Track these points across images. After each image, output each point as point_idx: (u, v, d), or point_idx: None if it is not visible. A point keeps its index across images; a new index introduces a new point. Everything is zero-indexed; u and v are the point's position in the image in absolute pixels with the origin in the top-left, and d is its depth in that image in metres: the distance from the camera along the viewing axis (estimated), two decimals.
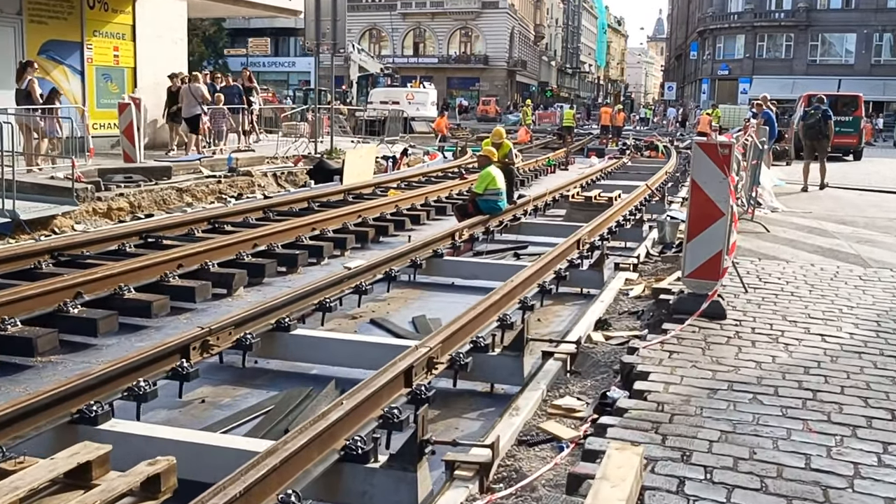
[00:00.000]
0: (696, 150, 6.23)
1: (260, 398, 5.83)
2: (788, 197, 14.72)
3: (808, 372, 5.09)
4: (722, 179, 6.18)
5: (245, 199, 14.20)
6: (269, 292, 8.67)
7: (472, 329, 6.15)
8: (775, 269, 8.28)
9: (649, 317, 7.05)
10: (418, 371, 5.12)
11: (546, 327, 7.63)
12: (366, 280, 7.90)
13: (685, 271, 6.40)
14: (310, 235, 10.68)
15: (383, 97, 36.00)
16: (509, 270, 8.75)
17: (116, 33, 17.98)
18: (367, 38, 78.71)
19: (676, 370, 5.05)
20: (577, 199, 14.47)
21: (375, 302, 8.45)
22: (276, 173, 16.34)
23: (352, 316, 7.88)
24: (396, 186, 17.12)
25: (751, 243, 9.68)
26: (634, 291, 7.96)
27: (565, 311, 8.28)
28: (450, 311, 7.74)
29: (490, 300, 6.70)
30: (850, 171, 21.67)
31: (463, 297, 8.71)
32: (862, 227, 11.45)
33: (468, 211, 11.64)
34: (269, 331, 6.30)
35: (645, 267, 9.35)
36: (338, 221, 11.57)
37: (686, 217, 6.33)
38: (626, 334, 6.52)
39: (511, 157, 13.27)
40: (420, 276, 9.38)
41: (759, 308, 6.64)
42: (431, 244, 9.59)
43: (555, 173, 23.75)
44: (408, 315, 8.06)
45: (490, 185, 11.49)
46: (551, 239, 11.65)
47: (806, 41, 62.38)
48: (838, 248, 9.66)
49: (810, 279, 7.87)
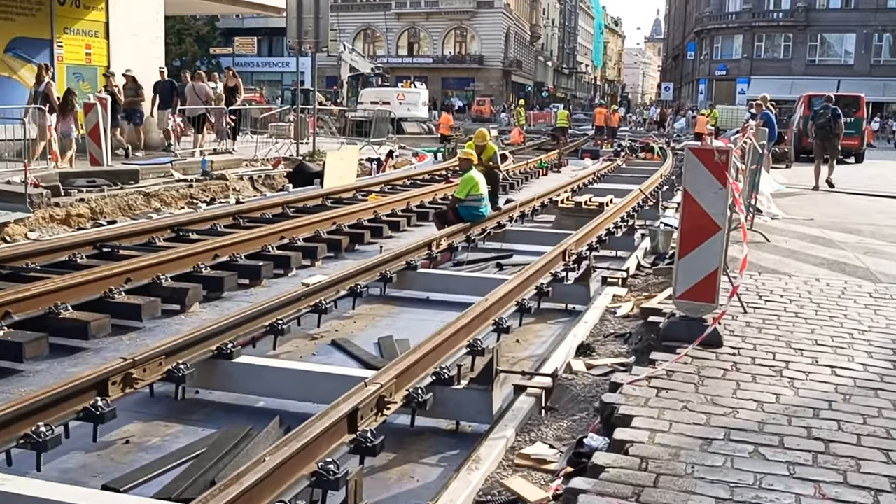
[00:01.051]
0: (689, 156, 5.53)
1: (193, 438, 5.12)
2: (789, 202, 14.03)
3: (817, 415, 4.39)
4: (718, 190, 5.47)
5: (217, 205, 13.48)
6: (227, 308, 7.97)
7: (436, 357, 5.45)
8: (777, 285, 7.58)
9: (637, 340, 6.35)
10: (366, 413, 4.41)
11: (524, 350, 6.93)
12: (327, 297, 7.19)
13: (676, 291, 5.69)
14: (277, 244, 9.98)
15: (374, 97, 35.25)
16: (488, 284, 8.05)
17: (89, 31, 17.25)
18: (361, 38, 78.00)
19: (665, 413, 4.34)
20: (566, 205, 13.77)
21: (340, 320, 7.75)
22: (252, 177, 15.61)
23: (312, 336, 7.18)
24: (380, 190, 16.41)
25: (750, 255, 8.92)
26: (622, 310, 7.26)
27: (547, 330, 7.57)
28: (421, 329, 7.09)
29: (459, 323, 6.00)
30: (852, 174, 20.96)
31: (437, 313, 8.03)
32: (868, 235, 10.75)
33: (448, 218, 10.93)
34: (209, 358, 5.60)
35: (635, 280, 8.66)
36: (310, 229, 10.86)
37: (675, 233, 5.62)
38: (610, 362, 5.81)
39: (496, 160, 12.56)
40: (392, 290, 8.68)
41: (760, 332, 5.94)
42: (405, 255, 8.88)
43: (547, 176, 23.07)
44: (375, 334, 7.36)
45: (472, 190, 10.79)
46: (537, 247, 10.98)
47: (805, 41, 61.73)
48: (845, 260, 8.96)
49: (816, 297, 7.17)
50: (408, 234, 12.54)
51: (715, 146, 5.45)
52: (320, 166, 16.72)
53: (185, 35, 71.26)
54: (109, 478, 4.52)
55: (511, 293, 7.22)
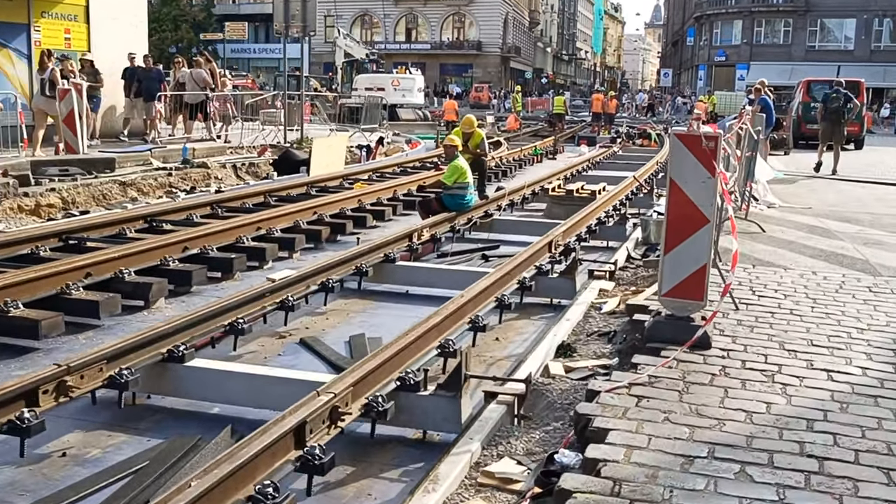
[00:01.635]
0: (675, 142, 5.12)
1: (137, 449, 4.73)
2: (787, 190, 13.62)
3: (811, 427, 4.00)
4: (706, 179, 5.06)
5: (196, 194, 13.06)
6: (195, 303, 7.58)
7: (402, 361, 5.06)
8: (772, 279, 7.17)
9: (622, 340, 5.95)
10: (316, 426, 4.02)
11: (504, 348, 6.54)
12: (295, 293, 6.79)
13: (662, 288, 5.29)
14: (253, 236, 9.56)
15: (368, 84, 34.77)
16: (470, 278, 7.65)
17: (68, 15, 16.77)
18: (359, 24, 77.36)
19: (644, 426, 3.95)
20: (557, 193, 13.36)
21: (312, 316, 7.35)
22: (236, 164, 15.17)
23: (280, 334, 6.78)
24: (367, 178, 15.99)
25: (744, 246, 8.55)
26: (608, 306, 6.86)
27: (530, 327, 7.18)
28: (396, 326, 6.69)
29: (430, 322, 5.60)
30: (851, 160, 20.49)
31: (415, 308, 7.64)
32: (867, 225, 10.35)
33: (433, 207, 10.52)
34: (159, 362, 5.20)
35: (624, 274, 8.26)
36: (289, 219, 10.44)
37: (664, 224, 5.22)
38: (591, 364, 5.42)
39: (483, 147, 12.13)
40: (369, 283, 8.27)
41: (752, 332, 5.54)
42: (383, 247, 8.48)
43: (541, 163, 22.64)
44: (347, 332, 6.97)
45: (459, 178, 10.38)
46: (525, 237, 10.58)
47: (804, 27, 61.12)
48: (843, 251, 8.56)
49: (812, 291, 6.77)
50: (393, 223, 12.13)
51: (703, 132, 5.04)
52: (307, 154, 16.28)
53: (181, 21, 70.68)
54: (38, 496, 4.15)
55: (490, 288, 6.82)
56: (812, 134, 23.07)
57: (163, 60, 64.10)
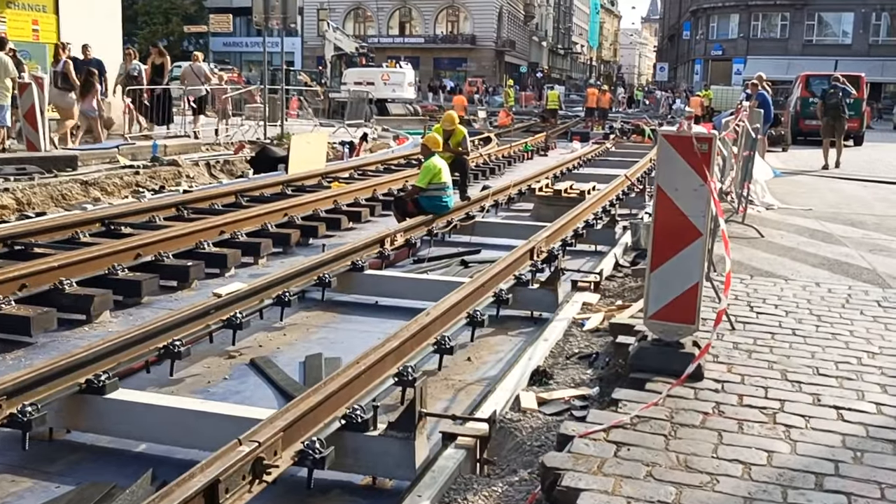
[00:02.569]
0: (663, 144, 4.48)
1: (42, 498, 4.10)
2: (786, 189, 12.99)
3: (820, 485, 3.37)
4: (698, 186, 4.43)
5: (164, 194, 12.38)
6: (145, 316, 6.95)
7: (353, 392, 4.43)
8: (771, 292, 6.55)
9: (604, 364, 5.33)
10: (233, 484, 3.38)
11: (475, 370, 5.91)
12: (245, 309, 6.14)
13: (648, 310, 4.66)
14: (215, 240, 8.92)
15: (357, 78, 34.02)
16: (443, 288, 7.03)
17: (36, 5, 16.07)
18: (352, 17, 76.71)
19: (623, 483, 3.32)
20: (545, 193, 12.71)
21: (269, 332, 6.72)
22: (210, 162, 14.49)
23: (229, 354, 6.15)
24: (349, 176, 15.35)
25: (741, 253, 7.95)
26: (591, 322, 6.22)
27: (506, 344, 6.55)
28: (360, 343, 6.14)
29: (388, 346, 4.97)
30: (852, 157, 19.90)
31: (383, 321, 7.04)
32: (872, 229, 9.73)
33: (408, 209, 9.88)
34: (76, 393, 4.57)
35: (611, 284, 7.62)
36: (256, 222, 9.79)
37: (650, 237, 4.59)
38: (568, 395, 4.79)
39: (465, 145, 11.48)
40: (335, 293, 7.64)
41: (750, 357, 4.92)
42: (351, 254, 7.83)
43: (532, 160, 21.99)
44: (305, 350, 6.35)
45: (434, 178, 9.73)
46: (509, 241, 9.98)
47: (802, 20, 60.45)
48: (848, 259, 7.94)
49: (816, 307, 6.15)
50: (371, 224, 11.49)
51: (694, 132, 4.40)
52: (287, 151, 15.62)
53: (171, 14, 69.83)
54: None
55: (462, 303, 6.19)
56: (811, 130, 22.50)
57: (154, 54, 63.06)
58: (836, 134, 17.45)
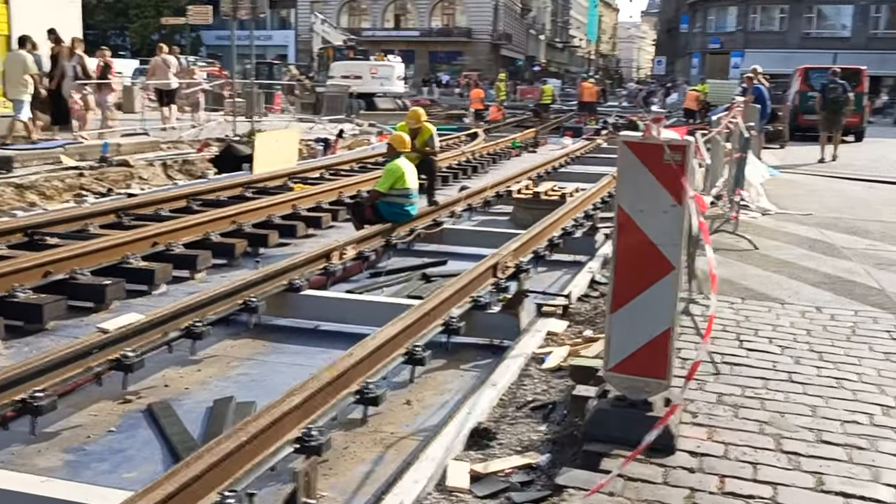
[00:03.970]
0: (625, 153, 3.55)
1: None
2: (784, 190, 12.04)
3: None
4: (670, 207, 3.50)
5: (111, 198, 11.42)
6: (43, 346, 6.00)
7: (234, 468, 3.50)
8: (765, 320, 5.62)
9: (561, 417, 4.39)
10: None
11: (412, 419, 4.97)
12: (141, 346, 5.19)
13: (609, 360, 3.73)
14: (146, 253, 7.97)
15: (345, 71, 32.98)
16: (391, 311, 6.09)
17: None
18: (346, 10, 75.69)
19: None
20: (524, 196, 11.75)
21: (182, 366, 5.77)
22: (167, 162, 13.51)
23: (124, 398, 5.20)
24: (319, 176, 14.41)
25: (732, 270, 7.01)
26: (552, 359, 5.28)
27: (455, 381, 5.60)
28: (288, 379, 5.24)
29: (291, 401, 4.02)
30: (853, 155, 18.97)
31: (320, 352, 6.12)
32: (878, 238, 8.79)
33: (366, 216, 8.93)
34: None
35: (583, 306, 6.67)
36: (196, 231, 8.83)
37: (610, 271, 3.66)
38: (510, 466, 3.85)
39: (432, 144, 10.50)
40: (270, 317, 6.71)
41: (737, 416, 3.99)
42: (287, 272, 6.88)
43: (520, 157, 21.00)
44: (219, 391, 5.40)
45: (398, 182, 8.78)
46: (481, 250, 9.02)
47: (800, 13, 59.40)
48: (852, 276, 7.00)
49: (817, 340, 5.22)
50: (334, 231, 10.52)
51: (665, 138, 3.46)
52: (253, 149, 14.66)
53: (163, 8, 68.73)
54: None
55: (400, 336, 5.24)
56: (809, 125, 21.63)
57: (144, 48, 62.34)
58: (834, 129, 17.38)
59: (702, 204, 3.42)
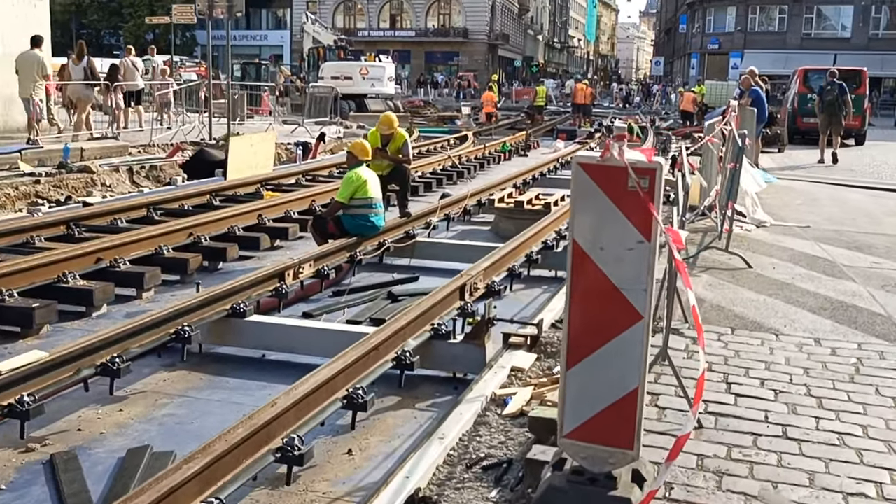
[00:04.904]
0: (580, 177, 2.90)
1: None
2: (781, 199, 11.40)
3: None
4: (636, 244, 2.85)
5: (68, 206, 10.75)
6: None
7: None
8: (758, 356, 4.98)
9: (515, 482, 3.74)
10: None
11: (351, 474, 4.33)
12: (49, 385, 4.54)
13: (564, 425, 3.10)
14: (85, 271, 7.32)
15: (335, 72, 32.25)
16: (343, 340, 5.46)
17: None
18: (341, 10, 75.06)
19: None
20: (506, 205, 11.10)
21: (100, 405, 5.12)
22: (133, 168, 12.85)
23: (27, 446, 4.56)
24: (295, 183, 13.81)
25: (722, 293, 6.37)
26: (513, 403, 4.62)
27: (409, 424, 4.97)
28: (222, 421, 4.67)
29: (199, 461, 3.38)
30: (853, 160, 18.34)
31: (265, 386, 5.56)
32: (883, 254, 8.14)
33: (328, 230, 8.29)
34: None
35: (556, 334, 6.00)
36: (147, 245, 8.19)
37: (563, 321, 3.02)
38: None
39: (406, 152, 9.83)
40: (214, 345, 6.08)
41: (720, 487, 3.35)
42: (232, 296, 6.23)
43: (510, 160, 20.39)
44: (140, 435, 4.77)
45: (359, 192, 8.13)
46: (455, 265, 8.44)
47: (800, 13, 58.75)
48: (855, 300, 6.36)
49: (816, 381, 4.59)
50: (302, 242, 9.87)
51: (630, 160, 2.82)
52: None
53: (157, 8, 68.05)
54: None
55: (337, 378, 4.59)
56: (809, 128, 21.07)
57: (138, 47, 62.00)
58: (833, 129, 17.25)
59: (678, 240, 2.78)
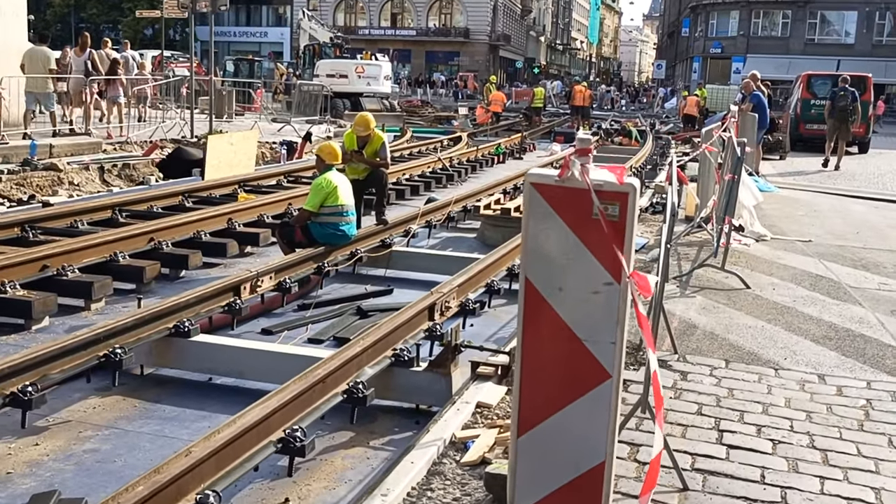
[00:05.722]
0: (534, 200, 2.33)
1: None
2: (782, 210, 10.83)
3: None
4: (603, 286, 2.28)
5: (29, 206, 10.18)
6: None
7: None
8: (754, 396, 4.41)
9: None
10: None
11: None
12: None
13: (515, 501, 2.52)
14: (26, 280, 6.74)
15: (330, 70, 31.64)
16: (295, 365, 4.89)
17: None
18: (342, 8, 74.52)
19: None
20: (492, 212, 10.52)
21: (16, 438, 4.56)
22: (104, 166, 12.27)
23: None
24: (276, 184, 13.24)
25: (717, 318, 5.80)
26: (474, 449, 4.04)
27: (360, 466, 4.40)
28: (151, 458, 4.20)
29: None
30: (857, 169, 17.76)
31: (202, 416, 4.98)
32: (892, 274, 7.56)
33: (296, 239, 7.71)
34: None
35: None
36: (101, 251, 7.61)
37: (514, 376, 2.45)
38: None
39: (383, 155, 9.23)
40: (158, 367, 5.51)
41: None
42: (176, 313, 5.66)
43: (504, 163, 19.80)
44: (53, 476, 4.20)
45: (329, 199, 7.55)
46: (433, 276, 7.89)
47: (804, 19, 58.23)
48: (862, 327, 5.78)
49: (819, 429, 4.02)
50: (274, 249, 9.29)
51: (594, 181, 2.24)
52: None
53: (156, 4, 67.56)
54: None
55: (272, 418, 4.01)
56: (812, 134, 20.52)
57: (137, 42, 61.62)
58: (840, 135, 17.10)
59: (644, 287, 2.21)
